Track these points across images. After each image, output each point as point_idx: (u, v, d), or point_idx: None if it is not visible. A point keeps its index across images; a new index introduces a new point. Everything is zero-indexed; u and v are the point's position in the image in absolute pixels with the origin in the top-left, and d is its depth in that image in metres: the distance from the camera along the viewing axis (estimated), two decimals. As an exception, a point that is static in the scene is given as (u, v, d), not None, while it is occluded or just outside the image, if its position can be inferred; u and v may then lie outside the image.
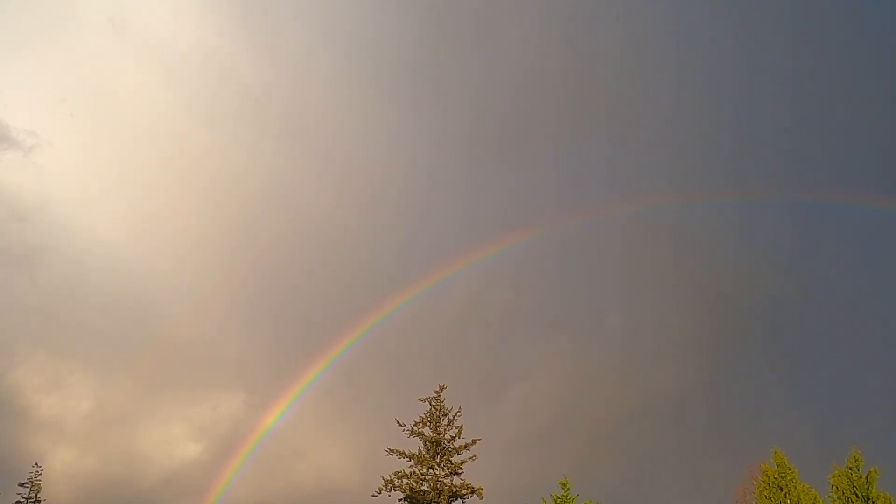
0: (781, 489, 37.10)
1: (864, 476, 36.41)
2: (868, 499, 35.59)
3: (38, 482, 47.58)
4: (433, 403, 39.37)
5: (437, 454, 38.35)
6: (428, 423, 38.96)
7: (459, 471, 38.19)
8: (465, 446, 38.61)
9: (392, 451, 38.21)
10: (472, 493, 37.69)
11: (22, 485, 47.18)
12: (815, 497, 36.71)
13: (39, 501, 47.39)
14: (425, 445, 38.53)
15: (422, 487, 37.57)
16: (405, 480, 37.40)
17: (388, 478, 37.26)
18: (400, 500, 37.32)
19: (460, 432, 38.79)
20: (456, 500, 37.78)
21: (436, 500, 37.30)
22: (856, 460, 36.86)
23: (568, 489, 36.88)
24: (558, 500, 36.74)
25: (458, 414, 39.19)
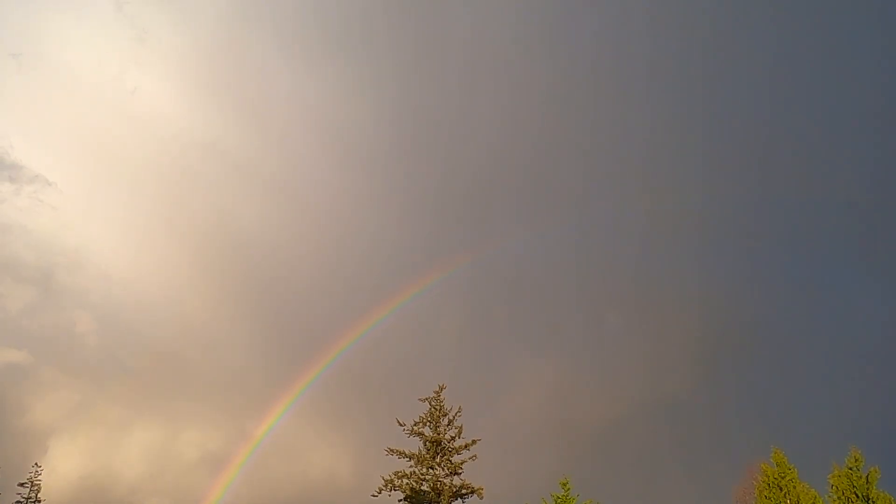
0: (781, 489, 37.08)
1: (864, 476, 36.40)
2: (868, 499, 35.57)
3: (37, 482, 47.59)
4: (433, 403, 39.34)
5: (437, 454, 38.33)
6: (428, 423, 38.95)
7: (459, 471, 38.19)
8: (465, 446, 38.60)
9: (392, 450, 38.18)
10: (472, 492, 37.69)
11: (22, 485, 47.19)
12: (815, 497, 36.69)
13: (39, 501, 47.40)
14: (425, 445, 38.52)
15: (422, 487, 37.55)
16: (405, 480, 37.38)
17: (389, 477, 37.26)
18: (400, 500, 37.30)
19: (460, 432, 38.78)
20: (456, 499, 37.75)
21: (436, 499, 37.28)
22: (856, 460, 36.85)
23: (568, 489, 36.84)
24: (558, 501, 36.72)
25: (458, 414, 39.22)
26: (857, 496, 35.82)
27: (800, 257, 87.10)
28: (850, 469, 36.73)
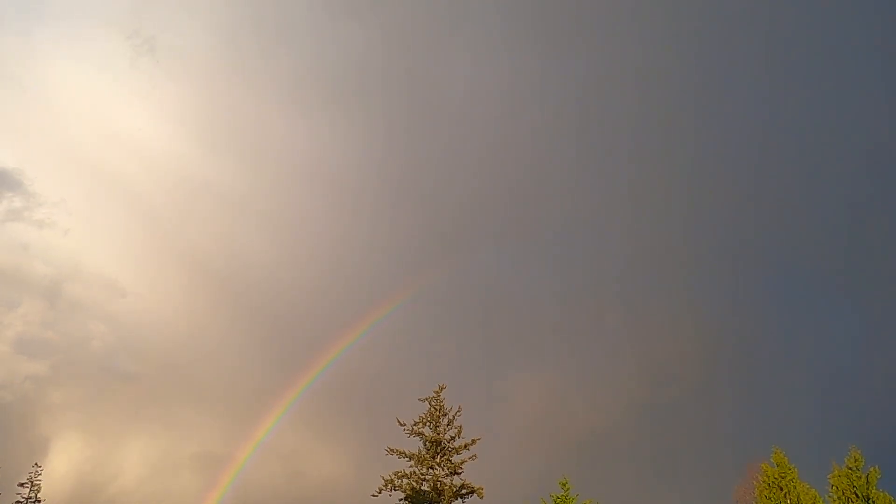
0: (781, 489, 37.08)
1: (864, 476, 36.40)
2: (868, 499, 35.57)
3: (37, 482, 47.55)
4: (433, 403, 39.31)
5: (437, 454, 38.31)
6: (428, 423, 38.91)
7: (459, 470, 38.17)
8: (465, 446, 38.57)
9: (392, 450, 38.14)
10: (472, 492, 37.67)
11: (22, 485, 47.15)
12: (815, 497, 36.70)
13: (39, 501, 47.36)
14: (425, 445, 38.50)
15: (422, 487, 37.53)
16: (405, 480, 37.37)
17: (389, 477, 37.22)
18: (400, 499, 37.27)
19: (460, 432, 38.74)
20: (456, 499, 37.72)
21: (436, 499, 37.26)
22: (856, 460, 36.86)
23: (568, 489, 36.83)
24: (558, 500, 36.70)
25: (458, 414, 39.15)
26: (857, 496, 35.82)
27: (783, 281, 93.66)
28: (850, 469, 36.74)
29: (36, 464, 48.36)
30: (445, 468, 38.13)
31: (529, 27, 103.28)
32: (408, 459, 38.07)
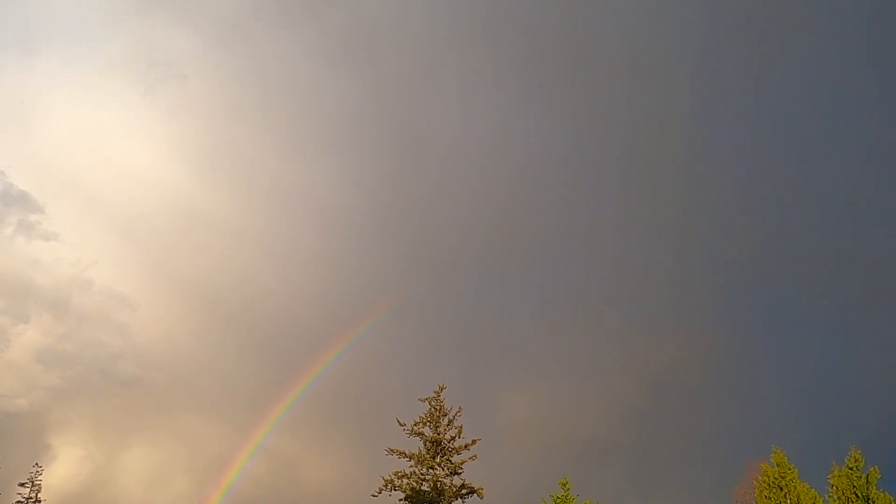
0: (781, 489, 37.12)
1: (864, 476, 36.44)
2: (868, 499, 35.62)
3: (38, 482, 47.53)
4: (433, 403, 39.26)
5: (438, 454, 38.29)
6: (428, 423, 38.87)
7: (460, 471, 38.15)
8: (466, 446, 38.54)
9: (392, 450, 38.11)
10: (473, 492, 37.67)
11: (22, 485, 47.15)
12: (815, 497, 36.74)
13: (39, 501, 47.36)
14: (425, 445, 38.48)
15: (422, 487, 37.52)
16: (405, 480, 37.35)
17: (389, 477, 37.18)
18: (401, 499, 37.26)
19: (460, 432, 38.68)
20: (457, 500, 37.71)
21: (436, 499, 37.25)
22: (856, 460, 36.90)
23: (568, 489, 36.86)
24: (558, 500, 36.73)
25: (458, 414, 39.08)
26: (857, 496, 35.87)
27: (769, 297, 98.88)
28: (850, 469, 36.79)
29: (36, 463, 48.42)
30: (446, 468, 38.11)
31: (515, 73, 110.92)
32: (408, 459, 38.08)
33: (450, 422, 38.86)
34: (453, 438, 38.59)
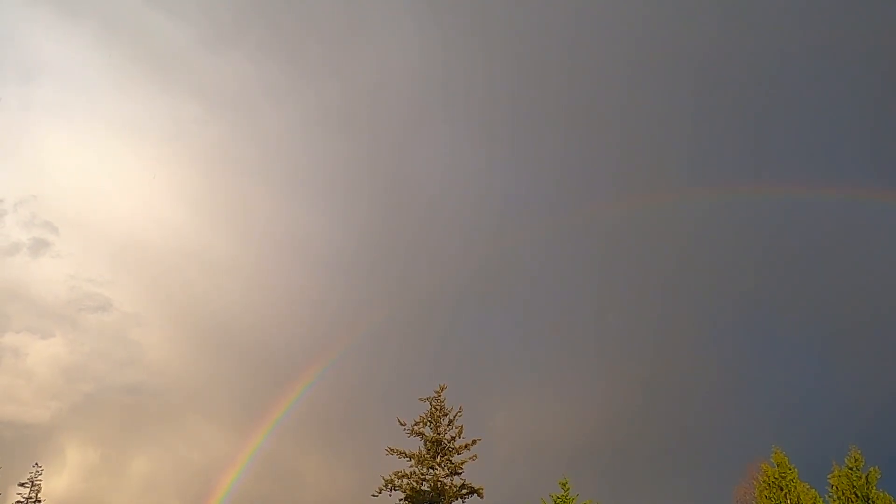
0: (781, 489, 37.15)
1: (864, 476, 36.47)
2: (868, 499, 35.65)
3: (38, 482, 47.51)
4: (433, 403, 39.28)
5: (438, 454, 38.30)
6: (428, 423, 38.88)
7: (460, 471, 38.15)
8: (466, 446, 38.54)
9: (392, 450, 38.12)
10: (473, 492, 37.68)
11: (22, 485, 47.14)
12: (815, 497, 36.77)
13: (39, 501, 47.33)
14: (425, 445, 38.49)
15: (422, 487, 37.52)
16: (406, 480, 37.35)
17: (389, 477, 37.18)
18: (401, 499, 37.25)
19: (460, 432, 38.69)
20: (457, 499, 37.71)
21: (436, 499, 37.25)
22: (856, 460, 36.94)
23: (567, 489, 36.88)
24: (558, 500, 36.75)
25: (459, 414, 39.09)
26: (857, 496, 35.90)
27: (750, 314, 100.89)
28: (850, 469, 36.83)
29: (36, 463, 48.39)
30: (446, 468, 38.11)
31: (499, 131, 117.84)
32: (408, 459, 38.09)
33: (450, 422, 38.89)
34: (454, 438, 38.61)
